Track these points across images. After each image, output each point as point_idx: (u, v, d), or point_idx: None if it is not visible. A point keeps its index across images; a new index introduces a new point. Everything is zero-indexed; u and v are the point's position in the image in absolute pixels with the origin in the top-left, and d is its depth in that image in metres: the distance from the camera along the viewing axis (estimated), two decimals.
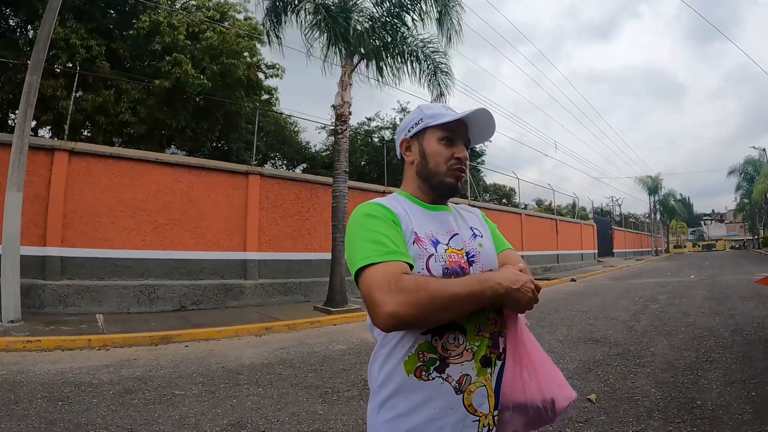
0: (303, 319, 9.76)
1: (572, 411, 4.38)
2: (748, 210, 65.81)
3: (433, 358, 1.27)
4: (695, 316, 9.81)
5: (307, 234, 13.69)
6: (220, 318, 9.69)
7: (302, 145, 25.33)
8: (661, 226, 73.64)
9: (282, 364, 6.46)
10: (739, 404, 4.46)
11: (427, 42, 12.32)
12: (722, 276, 20.37)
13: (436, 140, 1.45)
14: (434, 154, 1.45)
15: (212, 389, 5.22)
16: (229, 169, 12.54)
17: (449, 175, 1.44)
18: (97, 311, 9.51)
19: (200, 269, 11.42)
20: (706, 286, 16.21)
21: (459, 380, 1.27)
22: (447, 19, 11.83)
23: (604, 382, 5.38)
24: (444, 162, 1.44)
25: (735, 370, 5.68)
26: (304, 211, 13.74)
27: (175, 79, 14.23)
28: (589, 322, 9.40)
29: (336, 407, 4.63)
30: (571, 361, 6.41)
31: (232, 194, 12.27)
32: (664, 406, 4.50)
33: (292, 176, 15.04)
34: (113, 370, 5.98)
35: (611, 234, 46.58)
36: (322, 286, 12.31)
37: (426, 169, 1.46)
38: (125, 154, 10.89)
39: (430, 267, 1.31)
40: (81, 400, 4.69)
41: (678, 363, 6.11)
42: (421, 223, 1.39)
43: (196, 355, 6.96)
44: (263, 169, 13.56)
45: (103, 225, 10.18)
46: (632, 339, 7.76)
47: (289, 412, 4.47)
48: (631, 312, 10.72)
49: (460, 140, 1.47)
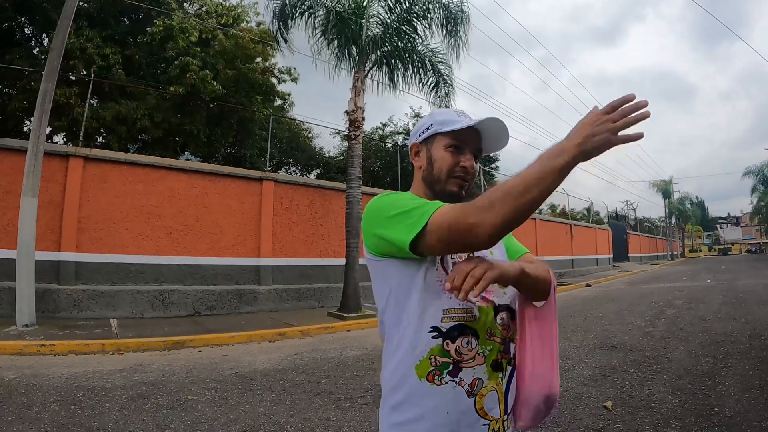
0: (317, 325, 9.73)
1: (588, 419, 4.34)
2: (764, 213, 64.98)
3: (446, 362, 1.26)
4: (712, 321, 9.69)
5: (321, 239, 13.66)
6: (234, 323, 9.67)
7: (316, 150, 25.33)
8: (676, 230, 72.99)
9: (295, 370, 6.43)
10: (758, 411, 4.39)
11: (436, 52, 12.38)
12: (739, 280, 20.15)
13: (443, 147, 1.43)
14: (439, 160, 1.42)
15: (225, 395, 5.19)
16: (243, 175, 12.56)
17: (451, 184, 1.41)
18: (111, 316, 9.53)
19: (214, 275, 11.42)
20: (723, 290, 16.04)
21: (471, 384, 1.26)
22: (454, 29, 11.85)
23: (620, 389, 5.31)
24: (448, 170, 1.41)
25: (753, 376, 5.60)
26: (318, 216, 13.72)
27: (190, 85, 14.31)
28: (604, 328, 9.31)
29: (349, 414, 4.59)
30: (587, 367, 6.34)
31: (246, 200, 12.28)
32: (682, 413, 4.43)
33: (305, 182, 15.04)
34: (126, 374, 5.97)
35: (626, 238, 46.19)
36: (336, 292, 12.27)
37: (430, 175, 1.44)
38: (139, 161, 10.95)
39: (443, 263, 1.31)
40: (94, 405, 4.68)
41: (695, 369, 6.03)
42: None
43: (209, 361, 6.94)
44: (277, 175, 13.58)
45: (117, 230, 10.21)
46: (648, 345, 7.67)
47: (302, 419, 4.43)
48: (647, 317, 10.60)
49: (468, 149, 1.43)
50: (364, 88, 11.81)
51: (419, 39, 12.34)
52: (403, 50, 12.16)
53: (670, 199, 63.27)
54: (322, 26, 11.56)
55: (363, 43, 11.47)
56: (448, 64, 12.51)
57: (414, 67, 12.38)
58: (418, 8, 11.91)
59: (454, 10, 11.76)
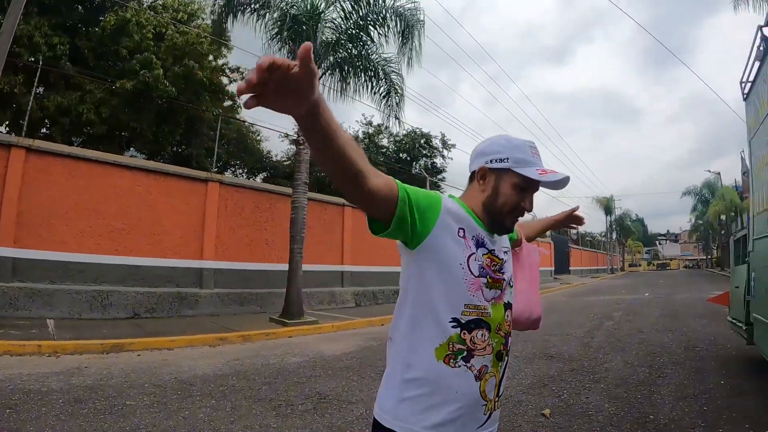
0: (258, 331, 9.74)
1: (527, 426, 4.55)
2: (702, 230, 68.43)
3: (461, 349, 1.42)
4: (649, 332, 10.18)
5: (265, 244, 13.66)
6: (175, 327, 9.59)
7: (264, 154, 25.09)
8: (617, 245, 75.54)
9: (236, 376, 6.47)
10: (691, 418, 4.66)
11: (389, 61, 12.54)
12: (676, 294, 21.16)
13: (512, 185, 1.53)
14: (505, 196, 1.53)
15: (164, 400, 5.20)
16: (188, 175, 12.45)
17: (509, 220, 1.56)
18: (48, 316, 9.28)
19: (155, 276, 11.28)
20: (660, 303, 16.85)
21: (479, 369, 1.43)
22: (410, 37, 12.01)
23: (558, 397, 5.55)
24: (511, 208, 1.53)
25: (687, 385, 5.93)
26: (263, 221, 13.72)
27: (143, 82, 14.07)
28: (544, 339, 9.58)
29: (290, 420, 4.68)
30: (526, 376, 6.57)
31: (190, 201, 12.18)
32: (618, 420, 4.66)
33: (251, 185, 15.02)
34: (63, 377, 5.90)
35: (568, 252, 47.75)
36: (279, 298, 12.26)
37: (493, 205, 1.54)
38: (84, 155, 10.71)
39: (470, 264, 1.45)
40: (30, 408, 4.63)
41: (632, 378, 6.34)
42: (470, 228, 1.50)
43: (148, 365, 6.90)
44: (223, 177, 13.53)
45: (58, 227, 9.97)
46: (587, 355, 8.02)
47: (242, 425, 4.50)
48: (586, 329, 11.04)
49: (532, 191, 1.56)
50: None
51: (374, 46, 12.49)
52: (357, 57, 12.27)
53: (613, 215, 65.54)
54: (275, 27, 11.53)
55: (317, 47, 11.46)
56: (399, 73, 12.69)
57: (366, 74, 12.49)
58: (373, 16, 12.03)
59: (410, 18, 11.92)
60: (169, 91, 14.52)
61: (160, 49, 15.44)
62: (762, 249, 5.64)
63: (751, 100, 6.39)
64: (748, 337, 6.24)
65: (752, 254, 6.15)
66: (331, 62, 12.00)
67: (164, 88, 14.36)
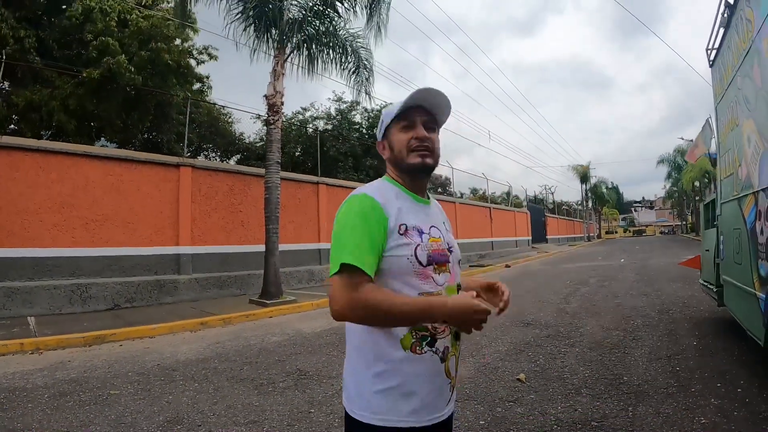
0: (238, 313, 9.87)
1: (503, 391, 4.74)
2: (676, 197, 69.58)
3: (425, 335, 1.49)
4: (624, 297, 10.49)
5: (241, 226, 13.73)
6: (155, 315, 9.67)
7: (236, 136, 24.93)
8: (593, 212, 76.31)
9: (217, 359, 6.61)
10: (665, 378, 4.88)
11: (356, 36, 12.53)
12: (651, 259, 21.65)
13: (397, 131, 1.62)
14: (397, 142, 1.61)
15: (148, 387, 5.33)
16: (160, 161, 12.39)
17: (412, 157, 1.59)
18: (28, 314, 9.30)
19: (133, 266, 11.31)
20: (635, 269, 17.23)
21: (443, 351, 1.53)
22: (377, 10, 12.04)
23: (534, 362, 5.76)
24: (404, 146, 1.59)
25: (660, 347, 6.19)
26: (238, 203, 13.76)
27: (107, 69, 13.89)
28: (521, 306, 9.81)
29: (271, 398, 4.84)
30: (503, 343, 6.78)
31: (163, 187, 12.16)
32: (592, 383, 4.87)
33: (224, 168, 14.96)
34: (47, 373, 6.00)
35: (544, 221, 48.37)
36: (257, 279, 12.40)
37: (394, 158, 1.63)
38: (53, 148, 10.59)
39: (417, 255, 1.50)
40: (15, 406, 4.73)
41: (606, 342, 6.58)
42: (408, 216, 1.55)
43: (131, 354, 7.02)
44: (195, 161, 13.46)
45: (31, 223, 9.93)
46: (562, 321, 8.26)
47: (225, 405, 4.65)
48: (562, 295, 11.34)
49: (419, 123, 1.60)
50: (284, 72, 11.82)
51: (341, 21, 12.48)
52: (324, 34, 12.24)
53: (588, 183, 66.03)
54: (239, 6, 11.40)
55: (283, 26, 11.39)
56: (368, 48, 12.74)
57: (335, 51, 12.50)
58: None
59: None
60: (135, 79, 14.34)
61: (125, 35, 15.20)
62: (729, 212, 5.82)
63: (717, 67, 6.54)
64: (719, 299, 6.48)
65: (720, 218, 6.36)
66: (298, 39, 11.92)
67: (129, 75, 14.18)
